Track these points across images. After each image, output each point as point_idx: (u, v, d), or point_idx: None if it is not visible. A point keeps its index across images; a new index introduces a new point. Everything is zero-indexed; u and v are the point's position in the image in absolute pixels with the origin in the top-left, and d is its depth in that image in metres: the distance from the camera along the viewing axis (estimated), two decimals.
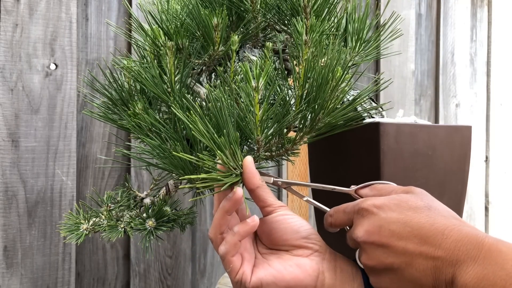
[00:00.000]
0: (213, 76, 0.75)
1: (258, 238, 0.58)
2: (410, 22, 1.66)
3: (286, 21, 0.71)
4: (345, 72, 0.61)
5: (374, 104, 0.75)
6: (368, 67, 1.54)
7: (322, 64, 0.60)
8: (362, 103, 0.71)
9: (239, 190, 0.53)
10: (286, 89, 0.64)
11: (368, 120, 0.71)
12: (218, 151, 0.53)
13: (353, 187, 0.59)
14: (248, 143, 0.63)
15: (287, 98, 0.62)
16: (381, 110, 0.76)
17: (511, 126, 2.03)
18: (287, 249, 0.56)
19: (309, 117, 0.62)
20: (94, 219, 0.70)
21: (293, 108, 0.62)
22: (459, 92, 1.84)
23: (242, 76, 0.61)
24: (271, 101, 0.62)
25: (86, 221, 0.69)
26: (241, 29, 0.71)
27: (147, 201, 0.73)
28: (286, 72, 0.69)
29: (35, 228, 0.94)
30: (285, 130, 0.63)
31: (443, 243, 0.46)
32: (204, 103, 0.67)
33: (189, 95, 0.68)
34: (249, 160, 0.55)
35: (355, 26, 0.77)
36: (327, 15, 0.70)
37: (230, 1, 0.70)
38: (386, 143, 0.66)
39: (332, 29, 0.74)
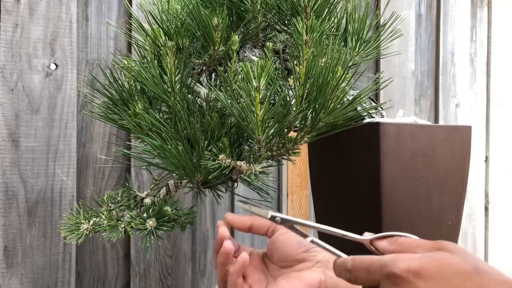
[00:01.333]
0: (213, 76, 0.75)
1: (271, 261, 0.59)
2: (410, 22, 1.66)
3: (286, 21, 0.71)
4: (345, 72, 0.61)
5: (374, 104, 0.75)
6: (368, 67, 1.54)
7: (322, 64, 0.60)
8: (362, 103, 0.71)
9: (227, 244, 0.54)
10: (286, 89, 0.64)
11: (368, 120, 0.71)
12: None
13: (368, 236, 0.49)
14: (249, 143, 0.63)
15: (288, 98, 0.62)
16: (381, 110, 0.76)
17: (511, 126, 2.03)
18: (292, 265, 0.57)
19: (309, 116, 0.62)
20: (94, 219, 0.70)
21: (294, 108, 0.62)
22: (459, 92, 1.84)
23: (242, 76, 0.61)
24: (272, 101, 0.62)
25: (87, 221, 0.69)
26: (242, 29, 0.71)
27: (148, 201, 0.73)
28: (286, 72, 0.69)
29: (35, 228, 0.94)
30: (285, 130, 0.63)
31: None
32: (204, 103, 0.67)
33: (189, 95, 0.67)
34: (223, 224, 0.57)
35: (355, 26, 0.77)
36: (327, 15, 0.70)
37: (230, 1, 0.70)
38: (386, 143, 0.66)
39: (332, 29, 0.74)
